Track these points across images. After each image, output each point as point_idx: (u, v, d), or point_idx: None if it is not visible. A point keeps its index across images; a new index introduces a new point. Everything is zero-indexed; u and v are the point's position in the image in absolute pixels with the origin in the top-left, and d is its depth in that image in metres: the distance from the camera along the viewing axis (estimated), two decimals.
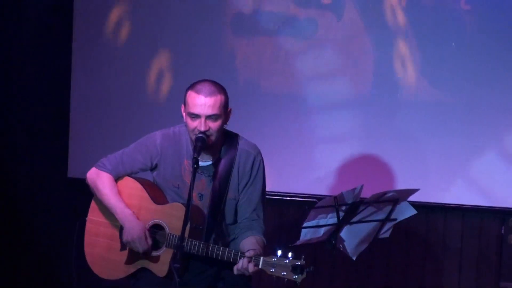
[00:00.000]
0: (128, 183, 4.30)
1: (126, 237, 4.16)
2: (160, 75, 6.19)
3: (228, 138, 4.24)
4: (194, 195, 4.16)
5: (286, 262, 3.82)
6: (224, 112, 4.11)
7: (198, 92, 4.05)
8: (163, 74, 6.19)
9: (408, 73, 5.77)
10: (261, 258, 3.88)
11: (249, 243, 4.08)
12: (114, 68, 6.27)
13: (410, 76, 5.77)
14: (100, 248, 4.33)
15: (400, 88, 5.79)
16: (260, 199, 4.25)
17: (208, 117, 4.05)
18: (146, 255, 4.16)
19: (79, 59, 6.31)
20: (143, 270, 4.20)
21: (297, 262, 3.81)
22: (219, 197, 4.17)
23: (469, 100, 5.67)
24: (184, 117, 4.12)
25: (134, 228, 4.14)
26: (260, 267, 3.87)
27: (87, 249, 4.38)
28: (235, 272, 3.94)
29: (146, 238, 4.13)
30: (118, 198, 4.24)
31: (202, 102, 4.04)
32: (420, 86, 5.75)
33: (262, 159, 4.27)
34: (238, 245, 4.16)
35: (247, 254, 3.91)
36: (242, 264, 3.90)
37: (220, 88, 4.10)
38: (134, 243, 4.13)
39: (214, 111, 4.05)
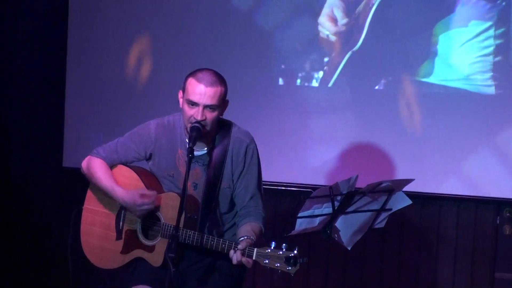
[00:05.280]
0: (124, 172, 4.30)
1: (134, 213, 4.15)
2: (154, 66, 6.18)
3: (222, 127, 4.23)
4: (189, 184, 4.15)
5: (280, 254, 3.81)
6: (222, 104, 4.10)
7: (199, 81, 4.04)
8: (156, 65, 6.18)
9: (404, 65, 5.77)
10: (255, 249, 3.87)
11: (243, 230, 4.08)
12: (108, 58, 6.27)
13: (406, 68, 5.77)
14: (96, 237, 4.33)
15: (396, 80, 5.79)
16: (257, 186, 4.24)
17: (206, 106, 4.04)
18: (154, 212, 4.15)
19: (74, 49, 6.30)
20: (139, 259, 4.20)
21: (290, 253, 3.80)
22: (213, 186, 4.17)
23: (464, 92, 5.67)
24: (181, 103, 4.11)
25: (129, 200, 4.14)
26: (253, 258, 3.87)
27: (83, 238, 4.38)
28: (234, 262, 3.94)
29: (143, 196, 4.12)
30: (109, 179, 4.23)
31: (202, 91, 4.03)
32: (416, 79, 5.76)
33: (256, 146, 4.25)
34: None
35: (239, 246, 3.90)
36: (236, 258, 3.90)
37: (221, 79, 4.09)
38: (143, 211, 4.12)
39: (213, 101, 4.04)
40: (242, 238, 3.97)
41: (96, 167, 4.28)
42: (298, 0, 5.92)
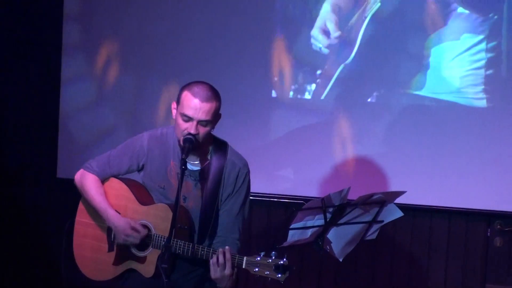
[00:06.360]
0: (114, 184, 4.31)
1: (118, 239, 4.19)
2: (147, 77, 6.18)
3: (216, 145, 4.25)
4: None
5: (269, 261, 3.86)
6: (215, 118, 4.12)
7: (194, 95, 4.05)
8: (149, 76, 6.18)
9: (396, 78, 5.79)
10: (245, 258, 3.92)
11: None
12: (102, 69, 6.27)
13: (398, 81, 5.79)
14: (88, 249, 4.35)
15: (388, 93, 5.81)
16: (241, 212, 4.24)
17: (200, 121, 4.06)
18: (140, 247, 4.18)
19: (68, 60, 6.31)
20: (131, 270, 4.22)
21: (280, 261, 3.86)
22: (208, 205, 4.18)
23: (455, 105, 5.69)
24: (174, 114, 4.13)
25: (119, 226, 4.17)
26: (243, 267, 3.91)
27: (76, 251, 4.40)
28: (210, 265, 3.96)
29: (134, 230, 4.15)
30: (102, 199, 4.26)
31: (198, 107, 4.04)
32: (408, 92, 5.78)
33: (249, 171, 4.27)
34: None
35: (227, 256, 3.94)
36: (218, 259, 3.93)
37: (216, 94, 4.11)
38: (127, 240, 4.16)
39: (208, 117, 4.06)
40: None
41: (89, 184, 4.29)
42: (291, 13, 5.95)
